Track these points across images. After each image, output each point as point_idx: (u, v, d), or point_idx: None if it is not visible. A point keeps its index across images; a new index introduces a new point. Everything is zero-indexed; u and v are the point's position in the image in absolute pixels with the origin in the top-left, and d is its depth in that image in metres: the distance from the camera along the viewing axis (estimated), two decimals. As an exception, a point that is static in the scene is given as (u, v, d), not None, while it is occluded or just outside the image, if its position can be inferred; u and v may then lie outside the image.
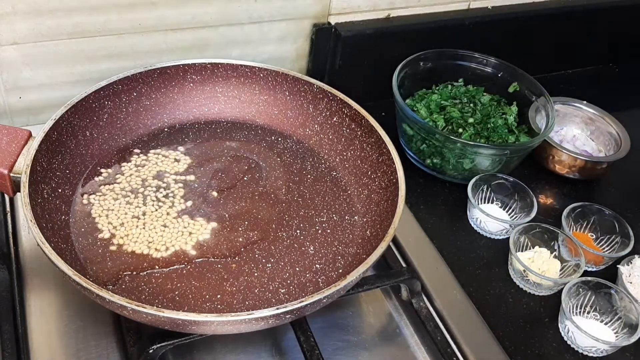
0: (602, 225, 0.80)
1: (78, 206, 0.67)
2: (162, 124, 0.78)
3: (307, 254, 0.66)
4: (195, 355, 0.63)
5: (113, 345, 0.62)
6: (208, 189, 0.71)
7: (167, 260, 0.63)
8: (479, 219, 0.80)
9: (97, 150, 0.72)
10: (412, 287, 0.68)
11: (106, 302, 0.52)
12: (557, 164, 0.89)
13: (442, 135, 0.81)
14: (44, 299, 0.65)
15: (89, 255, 0.62)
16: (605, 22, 1.09)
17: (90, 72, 0.82)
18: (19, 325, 0.62)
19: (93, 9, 0.76)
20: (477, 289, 0.73)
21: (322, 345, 0.60)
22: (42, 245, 0.54)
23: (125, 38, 0.81)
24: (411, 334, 0.68)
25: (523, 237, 0.76)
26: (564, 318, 0.69)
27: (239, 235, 0.67)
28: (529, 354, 0.68)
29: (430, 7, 0.96)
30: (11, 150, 0.61)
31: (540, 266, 0.74)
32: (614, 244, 0.78)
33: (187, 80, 0.78)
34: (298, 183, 0.74)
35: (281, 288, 0.62)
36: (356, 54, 0.92)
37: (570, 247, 0.74)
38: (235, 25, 0.86)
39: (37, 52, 0.78)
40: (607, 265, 0.77)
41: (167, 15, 0.81)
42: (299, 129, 0.79)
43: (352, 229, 0.69)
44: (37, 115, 0.83)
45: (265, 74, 0.79)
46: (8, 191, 0.62)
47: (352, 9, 0.91)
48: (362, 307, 0.70)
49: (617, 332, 0.69)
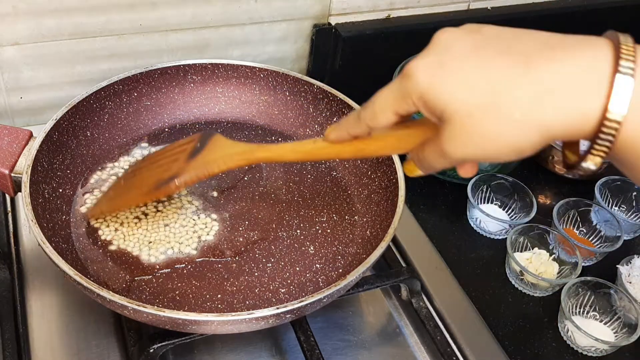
0: (593, 219, 0.81)
1: (79, 206, 0.67)
2: (162, 124, 0.78)
3: (307, 254, 0.66)
4: (195, 354, 0.63)
5: (114, 344, 0.62)
6: (208, 188, 0.71)
7: (167, 260, 0.63)
8: (478, 219, 0.80)
9: (98, 151, 0.72)
10: (412, 286, 0.68)
11: (107, 301, 0.52)
12: (556, 164, 0.89)
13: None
14: (45, 298, 0.65)
15: (89, 255, 0.63)
16: (605, 23, 1.09)
17: (91, 72, 0.82)
18: (20, 325, 0.62)
19: (94, 9, 0.77)
20: (476, 289, 0.73)
21: (322, 345, 0.60)
22: (43, 245, 0.54)
23: (126, 38, 0.81)
24: (411, 333, 0.68)
25: (522, 238, 0.76)
26: (563, 318, 0.69)
27: (239, 235, 0.67)
28: (528, 353, 0.68)
29: (430, 7, 0.96)
30: (12, 151, 0.62)
31: (538, 267, 0.74)
32: (605, 240, 0.79)
33: (187, 80, 0.78)
34: (298, 183, 0.74)
35: (281, 288, 0.62)
36: (356, 55, 0.92)
37: (567, 248, 0.74)
38: (236, 26, 0.86)
39: (38, 53, 0.78)
40: (599, 260, 0.78)
41: (168, 16, 0.81)
42: (300, 129, 0.79)
43: (352, 229, 0.69)
44: (38, 116, 0.84)
45: (266, 75, 0.79)
46: (9, 191, 0.62)
47: (352, 10, 0.91)
48: (362, 306, 0.70)
49: (616, 331, 0.69)
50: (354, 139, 0.47)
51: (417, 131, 0.45)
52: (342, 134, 0.48)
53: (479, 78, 0.37)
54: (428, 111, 0.40)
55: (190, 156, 0.58)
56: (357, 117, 0.45)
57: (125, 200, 0.63)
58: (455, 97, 0.37)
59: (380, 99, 0.43)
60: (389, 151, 0.49)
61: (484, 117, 0.37)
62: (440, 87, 0.38)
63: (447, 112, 0.38)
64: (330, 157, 0.51)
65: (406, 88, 0.40)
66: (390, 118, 0.43)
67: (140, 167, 0.64)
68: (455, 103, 0.37)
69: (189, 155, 0.58)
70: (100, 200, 0.66)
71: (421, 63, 0.39)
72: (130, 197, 0.62)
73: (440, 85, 0.38)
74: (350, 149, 0.48)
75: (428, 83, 0.38)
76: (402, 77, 0.40)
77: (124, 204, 0.64)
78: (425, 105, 0.39)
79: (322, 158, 0.67)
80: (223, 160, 0.57)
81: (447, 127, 0.39)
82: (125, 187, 0.63)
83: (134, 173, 0.64)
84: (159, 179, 0.58)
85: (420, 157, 0.44)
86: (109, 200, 0.64)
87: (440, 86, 0.38)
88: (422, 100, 0.39)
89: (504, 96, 0.36)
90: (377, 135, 0.47)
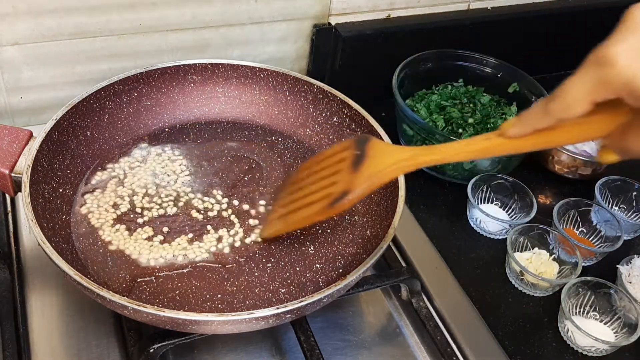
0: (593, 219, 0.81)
1: (79, 206, 0.67)
2: (162, 124, 0.78)
3: (307, 254, 0.66)
4: (195, 354, 0.63)
5: (114, 344, 0.62)
6: (209, 188, 0.71)
7: (167, 260, 0.63)
8: (478, 219, 0.80)
9: (98, 151, 0.72)
10: (412, 286, 0.68)
11: (107, 301, 0.52)
12: (556, 164, 0.89)
13: (442, 135, 0.81)
14: (45, 298, 0.65)
15: (89, 255, 0.63)
16: (605, 22, 1.09)
17: (91, 72, 0.82)
18: (20, 324, 0.62)
19: (94, 9, 0.77)
20: (476, 289, 0.73)
21: (322, 345, 0.60)
22: (43, 245, 0.54)
23: (126, 38, 0.81)
24: (411, 333, 0.68)
25: (523, 238, 0.76)
26: (563, 318, 0.69)
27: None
28: (528, 353, 0.68)
29: (430, 7, 0.96)
30: (12, 150, 0.62)
31: (538, 267, 0.74)
32: (605, 239, 0.79)
33: (187, 80, 0.78)
34: (298, 183, 0.74)
35: (281, 288, 0.62)
36: (356, 55, 0.92)
37: (567, 248, 0.74)
38: (236, 26, 0.86)
39: (38, 53, 0.78)
40: (599, 260, 0.78)
41: (168, 16, 0.81)
42: (299, 129, 0.79)
43: (352, 228, 0.69)
44: (38, 116, 0.84)
45: (266, 75, 0.79)
46: (9, 191, 0.62)
47: (352, 10, 0.91)
48: (362, 306, 0.70)
49: (616, 331, 0.69)
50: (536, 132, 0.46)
51: (610, 117, 0.43)
52: (526, 129, 0.46)
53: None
54: (634, 98, 0.38)
55: (354, 165, 0.55)
56: (543, 110, 0.43)
57: (300, 220, 0.61)
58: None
59: (573, 89, 0.41)
60: (580, 139, 0.47)
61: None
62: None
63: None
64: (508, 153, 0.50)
65: (607, 76, 0.38)
66: (586, 108, 0.41)
67: (300, 177, 0.63)
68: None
69: (352, 165, 0.56)
70: (272, 220, 0.65)
71: (620, 49, 0.37)
72: (304, 216, 0.60)
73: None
74: (532, 142, 0.47)
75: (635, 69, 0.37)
76: (599, 65, 0.38)
77: (299, 224, 0.62)
78: (632, 93, 0.37)
79: (498, 154, 0.64)
80: (392, 169, 0.54)
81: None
82: (293, 201, 0.62)
83: (296, 183, 0.63)
84: (329, 195, 0.56)
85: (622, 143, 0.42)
86: (279, 219, 0.63)
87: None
88: (629, 88, 0.37)
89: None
90: (565, 125, 0.44)
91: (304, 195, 0.60)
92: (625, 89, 0.37)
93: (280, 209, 0.64)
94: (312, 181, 0.60)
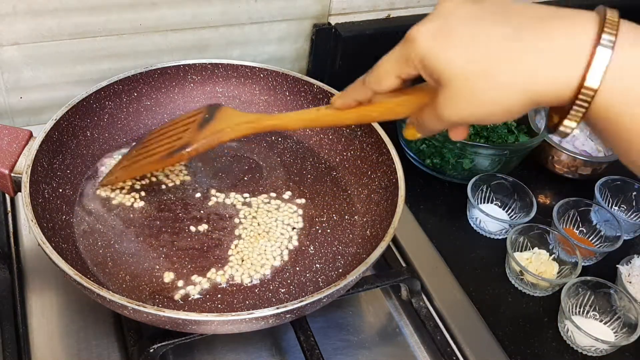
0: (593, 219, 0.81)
1: (79, 206, 0.67)
2: (162, 124, 0.78)
3: (307, 254, 0.66)
4: (195, 354, 0.63)
5: (114, 344, 0.62)
6: (209, 188, 0.71)
7: (167, 259, 0.63)
8: (478, 219, 0.80)
9: (98, 151, 0.72)
10: (412, 286, 0.68)
11: (107, 301, 0.52)
12: (556, 164, 0.89)
13: (442, 135, 0.81)
14: (45, 298, 0.65)
15: (89, 255, 0.63)
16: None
17: (91, 72, 0.82)
18: (20, 325, 0.62)
19: (93, 9, 0.77)
20: (476, 289, 0.73)
21: (322, 345, 0.60)
22: (43, 245, 0.54)
23: (126, 38, 0.81)
24: (411, 333, 0.68)
25: (522, 238, 0.76)
26: (563, 318, 0.69)
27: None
28: (528, 353, 0.68)
29: (430, 7, 0.96)
30: (12, 150, 0.62)
31: (538, 267, 0.74)
32: (605, 239, 0.79)
33: (187, 80, 0.78)
34: (298, 183, 0.74)
35: (281, 288, 0.62)
36: (356, 55, 0.92)
37: (567, 248, 0.74)
38: (236, 26, 0.86)
39: (38, 53, 0.78)
40: (599, 260, 0.78)
41: (168, 16, 0.81)
42: (299, 129, 0.79)
43: (352, 228, 0.69)
44: (38, 116, 0.84)
45: (266, 74, 0.79)
46: (9, 191, 0.62)
47: (352, 10, 0.91)
48: (362, 306, 0.70)
49: (616, 331, 0.69)
50: (358, 105, 0.50)
51: (416, 96, 0.47)
52: (347, 100, 0.50)
53: (476, 46, 0.39)
54: (427, 74, 0.42)
55: (200, 126, 0.61)
56: (362, 83, 0.48)
57: (138, 168, 0.65)
58: (454, 62, 0.39)
59: (384, 63, 0.45)
60: (390, 116, 0.51)
61: (478, 82, 0.39)
62: (440, 53, 0.40)
63: (444, 76, 0.40)
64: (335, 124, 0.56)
65: (408, 52, 0.42)
66: (394, 82, 0.45)
67: (150, 138, 0.67)
68: (453, 68, 0.39)
69: (199, 125, 0.61)
70: (114, 169, 0.68)
71: (423, 28, 0.41)
72: (143, 165, 0.64)
73: (440, 51, 0.40)
74: (354, 115, 0.51)
75: (429, 47, 0.40)
76: (405, 42, 0.42)
77: (136, 172, 0.66)
78: (425, 68, 0.41)
79: (326, 125, 0.70)
80: (232, 129, 0.59)
81: (444, 90, 0.41)
82: (137, 156, 0.66)
83: (145, 144, 0.67)
84: (171, 147, 0.61)
85: (420, 120, 0.46)
86: (122, 169, 0.67)
87: (440, 51, 0.40)
88: (423, 64, 0.41)
89: (497, 63, 0.38)
90: (379, 101, 0.49)
91: (149, 150, 0.65)
92: (421, 64, 0.41)
93: (125, 161, 0.67)
94: (159, 139, 0.65)
